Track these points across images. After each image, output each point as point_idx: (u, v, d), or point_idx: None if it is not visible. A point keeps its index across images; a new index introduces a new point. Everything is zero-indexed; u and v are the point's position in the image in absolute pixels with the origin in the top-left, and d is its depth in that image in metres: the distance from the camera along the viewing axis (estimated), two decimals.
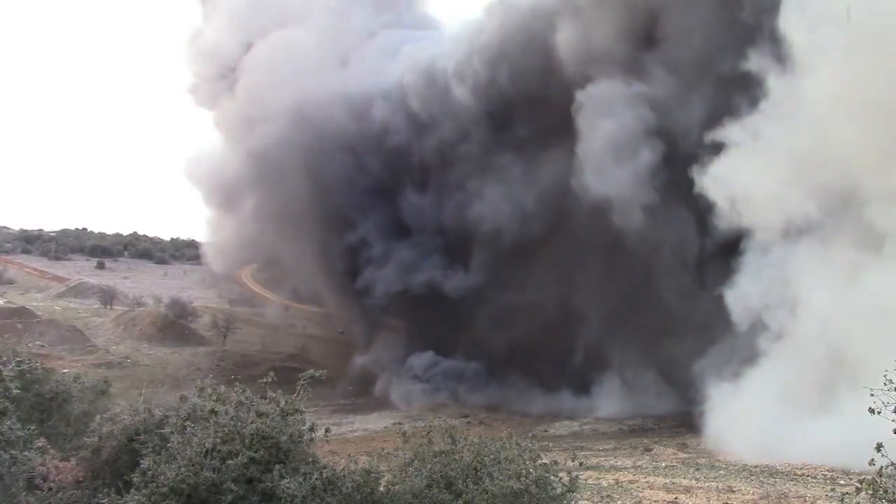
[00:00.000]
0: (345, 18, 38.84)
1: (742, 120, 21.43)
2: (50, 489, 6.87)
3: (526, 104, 30.43)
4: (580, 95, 27.27)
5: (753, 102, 21.32)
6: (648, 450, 20.60)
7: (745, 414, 18.60)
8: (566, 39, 27.54)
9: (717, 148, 22.02)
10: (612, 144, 25.96)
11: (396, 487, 6.65)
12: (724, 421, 19.47)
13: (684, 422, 23.69)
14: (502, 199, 31.31)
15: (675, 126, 25.30)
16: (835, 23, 18.49)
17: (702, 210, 23.06)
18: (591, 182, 26.22)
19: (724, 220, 21.45)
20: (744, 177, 20.73)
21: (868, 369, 14.39)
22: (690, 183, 22.68)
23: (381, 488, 6.67)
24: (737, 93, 22.04)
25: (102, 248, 79.39)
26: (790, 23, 19.68)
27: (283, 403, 6.86)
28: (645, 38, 26.64)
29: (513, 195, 31.05)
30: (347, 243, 35.32)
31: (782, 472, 15.74)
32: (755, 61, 21.25)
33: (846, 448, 14.62)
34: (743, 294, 20.33)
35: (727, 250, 22.19)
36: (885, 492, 4.93)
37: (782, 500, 12.97)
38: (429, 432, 7.01)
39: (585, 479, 13.71)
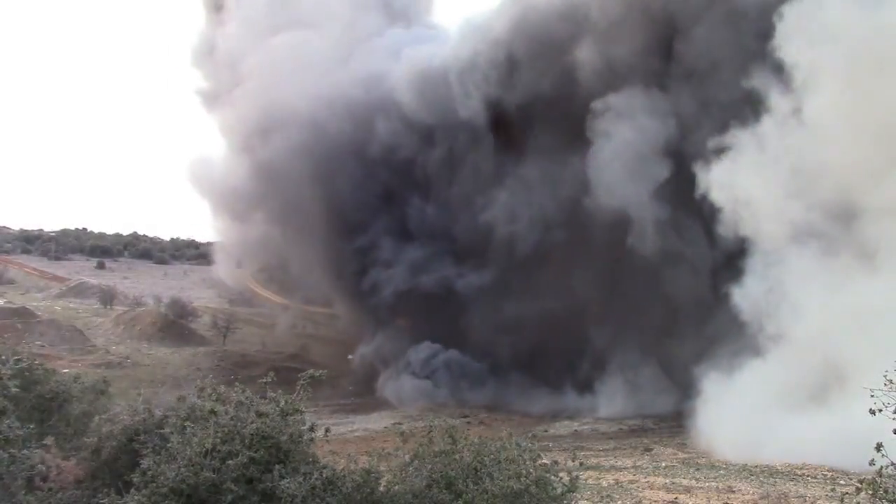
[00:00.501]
0: (356, 27, 38.77)
1: (748, 129, 22.01)
2: (50, 489, 6.87)
3: (536, 111, 30.38)
4: (598, 104, 27.43)
5: (759, 117, 21.92)
6: (648, 450, 20.62)
7: (732, 411, 19.07)
8: (586, 53, 27.69)
9: (722, 152, 22.58)
10: (629, 155, 26.15)
11: (396, 487, 6.66)
12: (713, 417, 19.89)
13: (684, 422, 23.75)
14: (513, 205, 31.23)
15: (687, 140, 25.48)
16: (832, 43, 19.25)
17: (706, 217, 23.54)
18: (605, 195, 26.48)
19: (728, 226, 21.96)
20: (747, 181, 21.26)
21: (855, 372, 15.17)
22: (700, 194, 23.22)
23: (381, 488, 6.67)
24: (745, 108, 22.53)
25: (102, 248, 79.35)
26: (788, 43, 20.43)
27: (283, 403, 6.86)
28: (664, 53, 26.99)
29: (524, 202, 30.96)
30: (357, 246, 35.37)
31: (782, 472, 15.76)
32: (758, 79, 21.88)
33: (831, 447, 15.49)
34: (748, 294, 20.82)
35: (736, 257, 22.60)
36: (886, 492, 4.94)
37: (782, 500, 12.98)
38: (429, 432, 7.01)
39: (585, 479, 13.73)
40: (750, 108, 22.15)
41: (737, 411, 18.90)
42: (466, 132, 33.01)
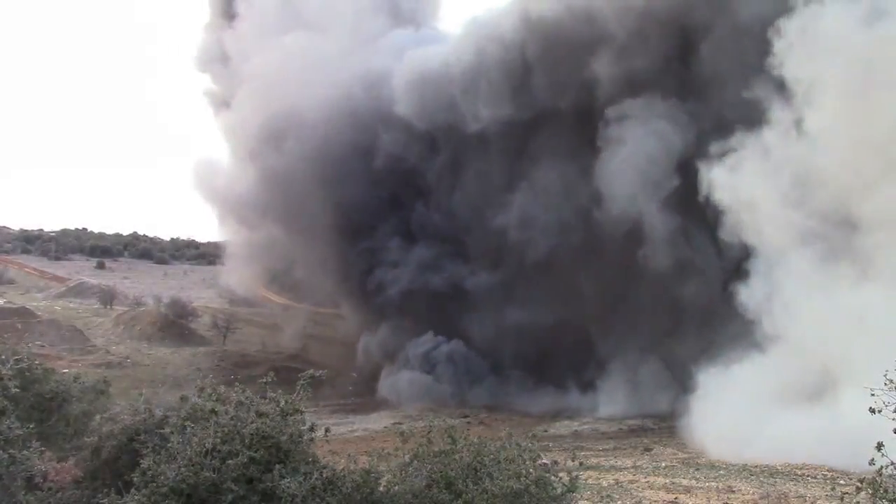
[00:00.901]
0: (364, 31, 38.74)
1: (751, 137, 22.49)
2: (49, 489, 6.87)
3: (545, 118, 30.37)
4: (611, 111, 27.66)
5: (763, 127, 22.44)
6: (648, 450, 20.65)
7: (724, 408, 19.56)
8: (600, 62, 27.85)
9: (725, 154, 23.09)
10: (641, 162, 26.39)
11: (396, 487, 6.66)
12: (705, 413, 20.32)
13: (680, 418, 23.88)
14: (524, 211, 31.19)
15: (696, 150, 25.73)
16: (830, 57, 19.95)
17: (712, 224, 23.93)
18: (617, 205, 26.74)
19: (731, 231, 22.51)
20: (750, 186, 21.91)
21: (846, 374, 15.55)
22: (703, 196, 23.60)
23: (381, 488, 6.67)
24: (751, 118, 22.94)
25: (102, 248, 79.25)
26: (788, 57, 21.10)
27: (283, 403, 6.86)
28: (677, 64, 27.37)
29: (536, 207, 30.91)
30: (365, 247, 35.54)
31: (782, 472, 15.79)
32: (761, 91, 22.41)
33: (820, 445, 16.03)
34: (749, 295, 21.31)
35: (743, 262, 23.00)
36: (886, 492, 4.94)
37: (782, 500, 12.99)
38: (428, 432, 7.01)
39: (585, 479, 13.74)
40: (755, 118, 22.63)
41: (727, 408, 19.38)
42: (473, 137, 32.88)
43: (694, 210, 25.14)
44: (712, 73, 25.74)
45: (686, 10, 26.40)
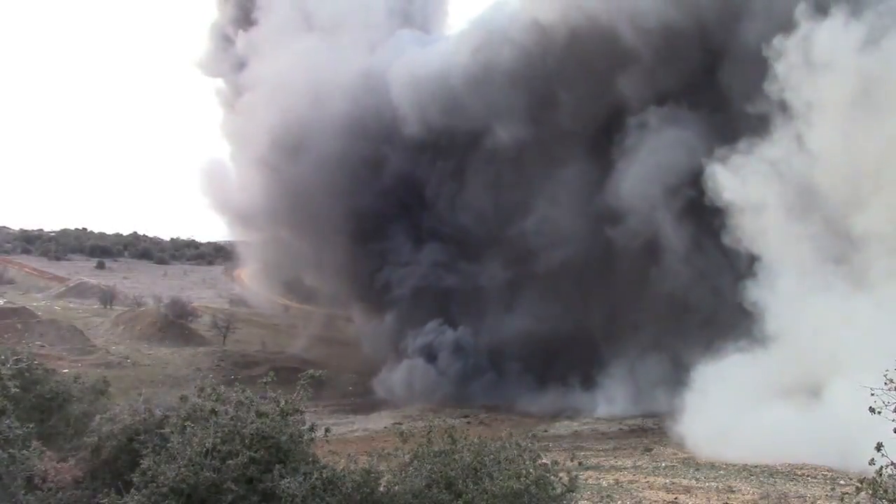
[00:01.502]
0: (376, 39, 38.88)
1: (756, 149, 22.98)
2: (49, 489, 6.87)
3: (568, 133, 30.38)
4: (632, 120, 27.85)
5: (768, 140, 22.97)
6: (648, 450, 20.65)
7: (709, 407, 19.96)
8: (630, 86, 28.00)
9: (728, 158, 23.59)
10: (659, 167, 26.58)
11: (396, 487, 6.66)
12: (695, 410, 20.65)
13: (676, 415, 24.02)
14: (540, 218, 31.23)
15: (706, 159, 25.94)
16: (829, 78, 20.62)
17: (718, 229, 24.20)
18: (634, 216, 27.00)
19: (734, 235, 22.91)
20: (753, 187, 22.27)
21: (832, 376, 15.66)
22: (713, 209, 24.00)
23: (381, 488, 6.68)
24: (759, 131, 23.38)
25: (102, 248, 79.27)
26: (787, 77, 21.76)
27: (283, 403, 6.87)
28: (697, 80, 27.50)
29: (551, 215, 30.93)
30: (376, 248, 35.83)
31: (782, 472, 15.80)
32: (764, 106, 22.90)
33: (803, 443, 16.43)
34: (750, 297, 21.71)
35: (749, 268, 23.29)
36: (885, 492, 4.94)
37: (782, 500, 13.00)
38: (429, 432, 7.02)
39: (585, 479, 13.77)
40: (762, 131, 23.06)
41: (717, 405, 19.71)
42: (481, 144, 32.83)
43: (704, 218, 25.35)
44: (727, 89, 25.99)
45: (702, 32, 26.65)
